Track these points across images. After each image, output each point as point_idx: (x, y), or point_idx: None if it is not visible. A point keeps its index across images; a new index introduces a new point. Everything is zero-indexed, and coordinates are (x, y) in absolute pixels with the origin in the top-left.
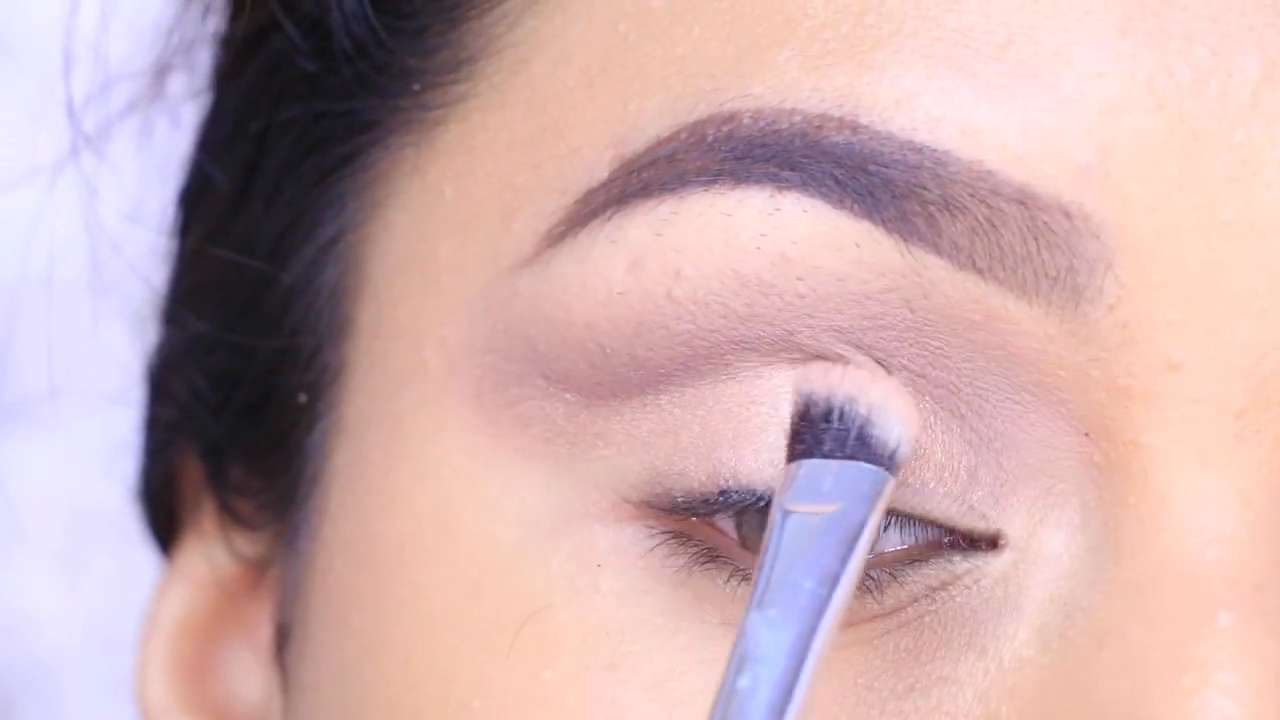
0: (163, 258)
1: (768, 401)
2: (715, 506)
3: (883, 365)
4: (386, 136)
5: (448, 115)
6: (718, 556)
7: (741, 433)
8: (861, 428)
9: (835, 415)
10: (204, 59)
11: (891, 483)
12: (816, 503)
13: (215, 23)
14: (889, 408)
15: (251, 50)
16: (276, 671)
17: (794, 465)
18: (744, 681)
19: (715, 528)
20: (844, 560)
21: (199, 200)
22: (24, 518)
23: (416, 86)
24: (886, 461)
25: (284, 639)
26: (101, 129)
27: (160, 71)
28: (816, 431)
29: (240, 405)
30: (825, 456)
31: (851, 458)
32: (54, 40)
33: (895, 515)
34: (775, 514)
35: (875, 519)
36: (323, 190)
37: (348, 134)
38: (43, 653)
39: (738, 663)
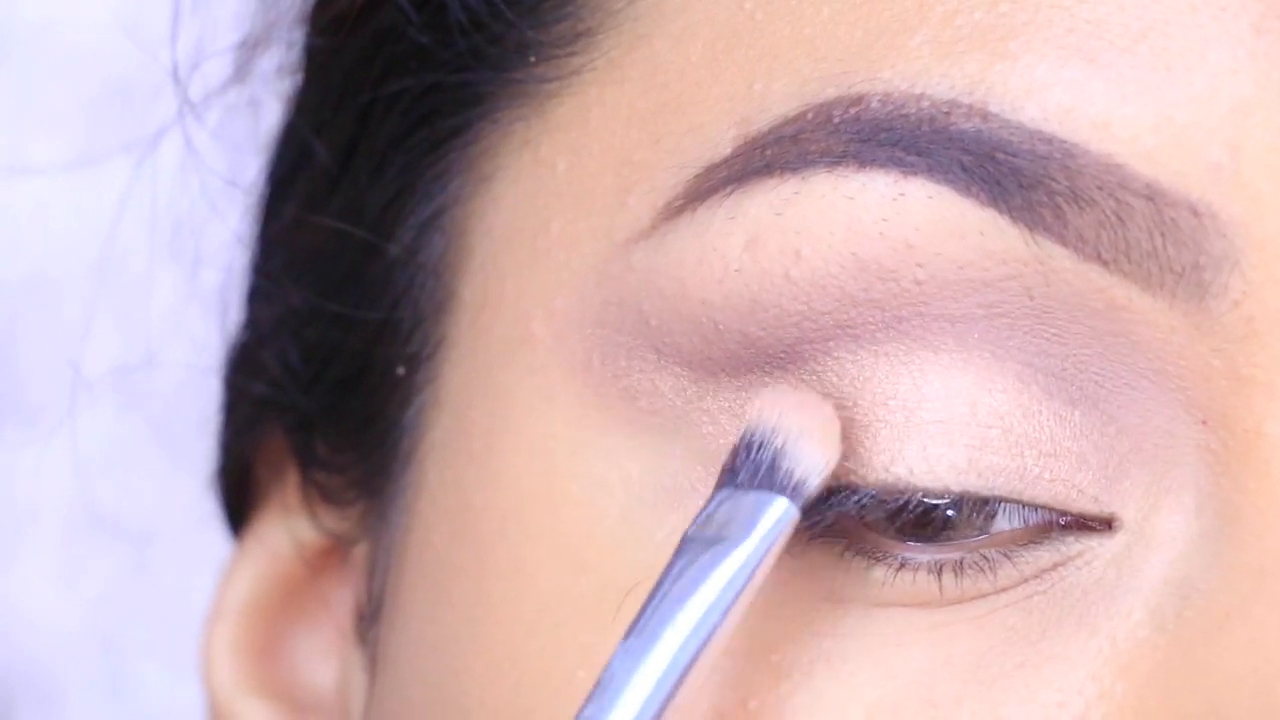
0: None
1: (865, 402)
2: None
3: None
4: (496, 110)
5: (562, 89)
6: (834, 529)
7: (840, 431)
8: (774, 458)
9: (755, 445)
10: (298, 34)
11: (791, 513)
12: (711, 531)
13: None
14: (809, 436)
15: (359, 23)
16: (360, 649)
17: (714, 494)
18: (588, 710)
19: None
20: (721, 592)
21: (293, 175)
22: (24, 517)
23: (532, 59)
24: (791, 492)
25: (374, 614)
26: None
27: (253, 45)
28: (736, 462)
29: (334, 379)
30: (737, 487)
31: (758, 488)
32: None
33: (1001, 501)
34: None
35: (760, 549)
36: (429, 164)
37: (457, 107)
38: (43, 653)
39: (592, 690)
